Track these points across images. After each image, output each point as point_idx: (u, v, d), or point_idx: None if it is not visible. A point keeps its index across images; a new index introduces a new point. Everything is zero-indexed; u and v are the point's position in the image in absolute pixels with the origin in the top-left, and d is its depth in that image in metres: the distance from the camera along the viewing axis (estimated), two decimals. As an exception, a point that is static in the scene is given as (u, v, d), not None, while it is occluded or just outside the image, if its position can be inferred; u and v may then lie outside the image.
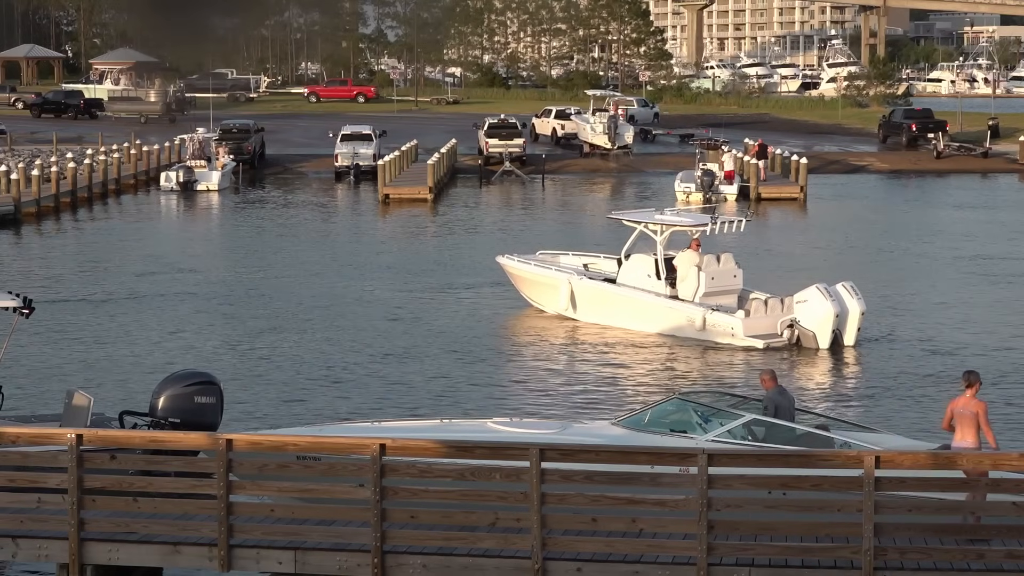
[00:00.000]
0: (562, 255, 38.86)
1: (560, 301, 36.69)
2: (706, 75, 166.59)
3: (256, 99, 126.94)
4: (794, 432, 18.68)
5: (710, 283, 34.92)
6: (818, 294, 33.25)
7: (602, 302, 36.10)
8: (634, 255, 36.38)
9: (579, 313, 36.46)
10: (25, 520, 16.43)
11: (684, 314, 34.52)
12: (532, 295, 38.01)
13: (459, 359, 32.10)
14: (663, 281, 35.44)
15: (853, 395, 29.30)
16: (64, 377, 29.17)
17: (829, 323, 32.99)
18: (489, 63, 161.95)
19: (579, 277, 36.75)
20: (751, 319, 33.74)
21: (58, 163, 66.34)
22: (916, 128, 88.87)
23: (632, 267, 36.14)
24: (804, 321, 33.28)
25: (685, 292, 35.09)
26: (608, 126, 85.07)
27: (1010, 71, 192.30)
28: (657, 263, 35.60)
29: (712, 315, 34.07)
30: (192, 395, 20.60)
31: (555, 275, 37.05)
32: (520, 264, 38.26)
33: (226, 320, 36.84)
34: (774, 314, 33.81)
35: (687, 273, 35.11)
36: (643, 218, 36.90)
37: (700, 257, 35.14)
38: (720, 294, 35.01)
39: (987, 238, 54.07)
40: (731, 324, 33.73)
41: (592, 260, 38.22)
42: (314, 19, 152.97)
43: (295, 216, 62.20)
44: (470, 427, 19.70)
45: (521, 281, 38.29)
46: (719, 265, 35.26)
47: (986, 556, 15.24)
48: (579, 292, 36.45)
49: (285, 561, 16.03)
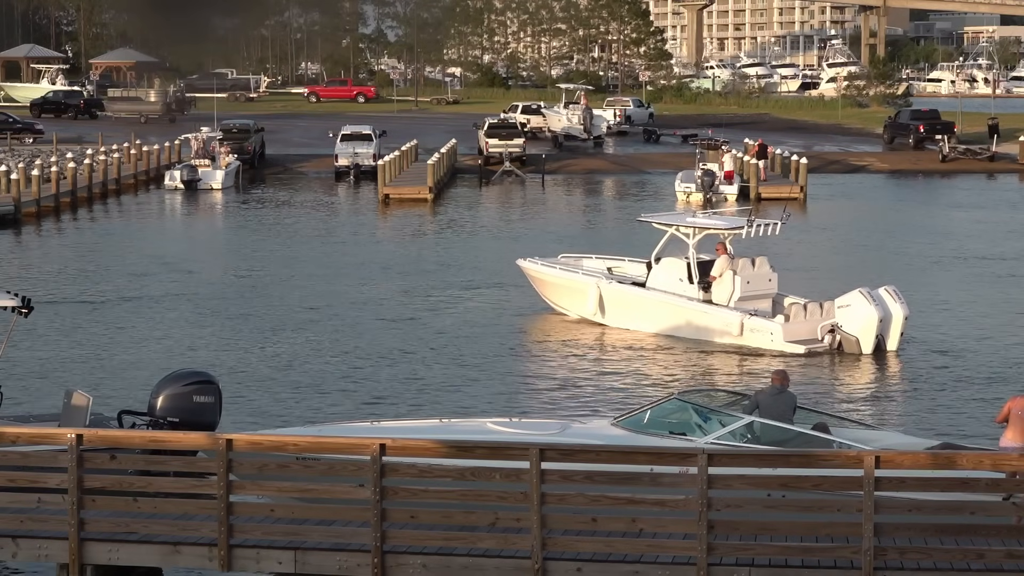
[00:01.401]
0: (585, 258, 38.05)
1: (588, 306, 35.84)
2: (706, 75, 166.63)
3: (256, 99, 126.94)
4: (792, 432, 18.69)
5: (745, 287, 34.08)
6: (861, 298, 32.47)
7: (632, 307, 35.28)
8: (665, 258, 35.56)
9: (607, 318, 35.65)
10: (25, 520, 16.43)
11: (720, 319, 33.66)
12: (556, 299, 37.15)
13: (459, 359, 32.10)
14: (696, 285, 34.67)
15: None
16: (63, 377, 29.15)
17: (873, 328, 32.29)
18: (489, 63, 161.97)
19: (608, 281, 35.91)
20: (791, 324, 32.95)
21: (58, 163, 66.33)
22: (924, 129, 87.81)
23: (663, 271, 35.31)
24: (847, 326, 32.52)
25: (719, 296, 34.26)
26: (583, 117, 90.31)
27: (1010, 71, 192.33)
28: (689, 266, 34.82)
29: (750, 320, 33.27)
30: (191, 394, 20.61)
31: (583, 279, 36.25)
32: (544, 268, 37.37)
33: (226, 320, 36.84)
34: (813, 319, 33.04)
35: (721, 277, 34.30)
36: (675, 221, 36.21)
37: (732, 261, 34.33)
38: (755, 298, 34.21)
39: (996, 238, 54.04)
40: (770, 329, 32.98)
41: (617, 264, 37.40)
42: (314, 19, 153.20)
43: (295, 216, 62.20)
44: (469, 427, 19.70)
45: (544, 285, 37.41)
46: (754, 269, 34.44)
47: (986, 556, 15.24)
48: (608, 296, 35.64)
49: (285, 561, 16.03)
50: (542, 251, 42.08)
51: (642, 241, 52.37)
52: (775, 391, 19.44)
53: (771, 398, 19.29)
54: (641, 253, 37.97)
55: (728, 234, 34.95)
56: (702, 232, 35.09)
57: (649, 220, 37.70)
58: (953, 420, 26.65)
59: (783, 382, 19.66)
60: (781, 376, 19.78)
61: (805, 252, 49.38)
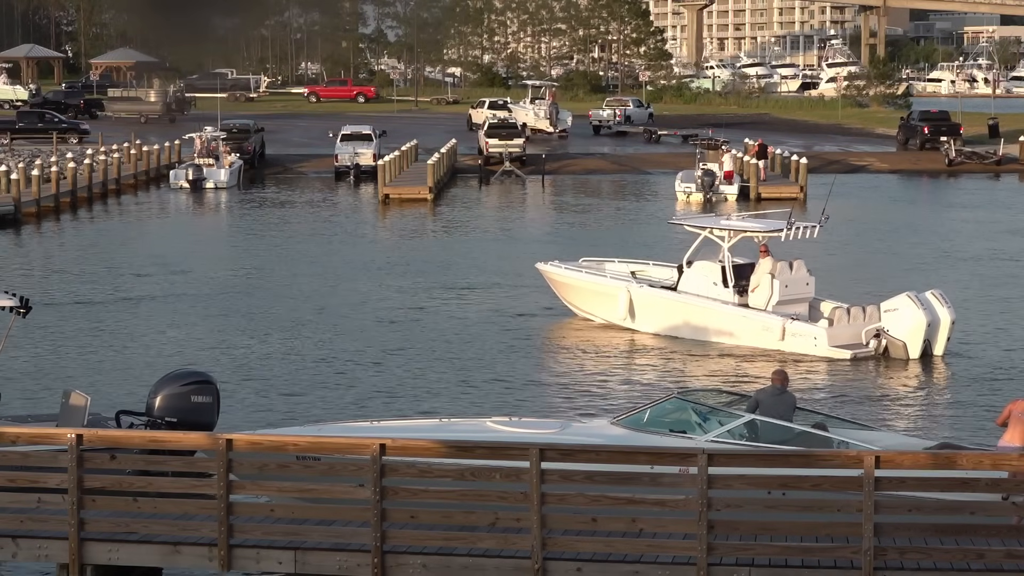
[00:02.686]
0: (607, 262, 37.11)
1: (618, 311, 34.92)
2: (706, 75, 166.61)
3: (256, 99, 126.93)
4: (792, 431, 18.71)
5: (784, 291, 33.24)
6: (909, 302, 31.81)
7: (665, 312, 34.39)
8: (697, 262, 34.54)
9: (638, 323, 34.77)
10: (25, 520, 16.43)
11: (760, 323, 32.93)
12: (581, 304, 36.27)
13: (459, 359, 32.09)
14: (731, 289, 33.80)
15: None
16: (61, 377, 29.13)
17: (921, 333, 31.65)
18: (489, 63, 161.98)
19: (639, 285, 35.00)
20: (835, 328, 32.20)
21: (58, 163, 66.34)
22: (928, 131, 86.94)
23: (696, 274, 34.35)
24: (893, 330, 31.86)
25: (757, 301, 33.41)
26: (549, 112, 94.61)
27: (1010, 71, 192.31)
28: (724, 270, 33.96)
29: (792, 324, 32.53)
30: (189, 394, 20.63)
31: (612, 283, 35.37)
32: (569, 271, 36.42)
33: (225, 320, 36.82)
34: (856, 323, 32.34)
35: (760, 281, 33.45)
36: (708, 223, 35.38)
37: (773, 264, 33.47)
38: (792, 302, 33.39)
39: (996, 237, 54.07)
40: (814, 334, 32.27)
41: (641, 267, 36.52)
42: (314, 19, 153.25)
43: (295, 216, 62.21)
44: (469, 426, 19.70)
45: (567, 289, 36.47)
46: (792, 272, 33.59)
47: (986, 556, 15.24)
48: (639, 301, 34.75)
49: (285, 561, 16.03)
50: (543, 251, 42.07)
51: (645, 242, 52.52)
52: (776, 391, 19.44)
53: (772, 398, 19.30)
54: (644, 254, 37.75)
55: (764, 237, 34.07)
56: (738, 235, 34.16)
57: (681, 223, 36.90)
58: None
59: (783, 382, 19.66)
60: (781, 376, 19.78)
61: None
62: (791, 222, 33.84)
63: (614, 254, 39.01)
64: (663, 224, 59.28)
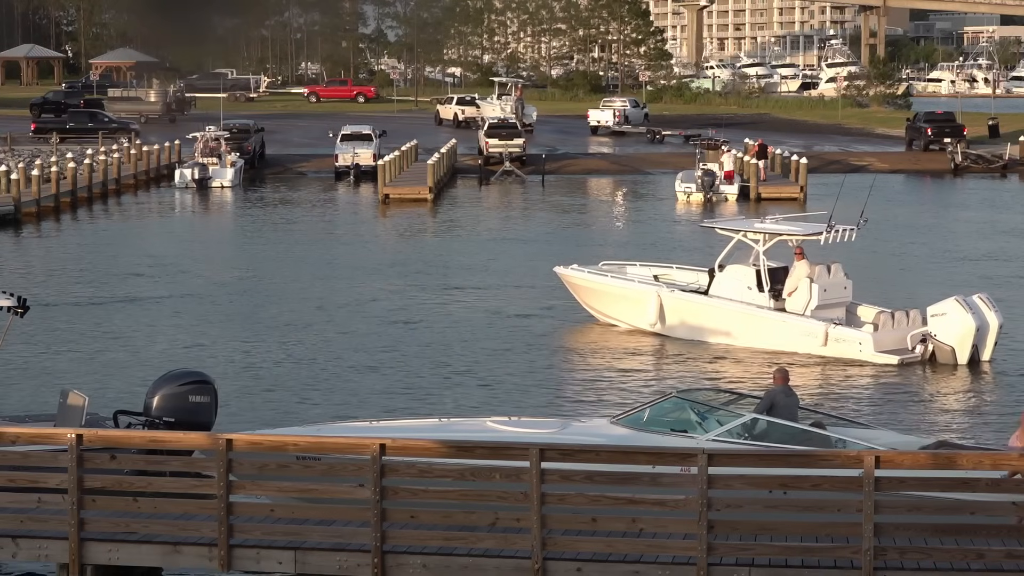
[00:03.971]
0: (628, 265, 36.46)
1: (648, 316, 34.11)
2: (706, 75, 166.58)
3: (256, 99, 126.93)
4: (792, 429, 18.71)
5: (822, 295, 32.53)
6: (958, 307, 31.15)
7: (697, 316, 33.63)
8: (730, 265, 33.84)
9: (668, 328, 33.96)
10: (25, 520, 16.43)
11: (801, 329, 32.20)
12: (604, 309, 35.49)
13: (460, 359, 32.07)
14: (766, 293, 33.09)
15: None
16: (59, 376, 29.10)
17: (969, 338, 31.05)
18: (489, 63, 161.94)
19: (669, 290, 34.22)
20: (880, 333, 31.61)
21: (58, 163, 66.34)
22: (932, 132, 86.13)
23: (729, 278, 33.58)
24: (941, 335, 31.26)
25: (794, 305, 32.68)
26: (516, 107, 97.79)
27: (1010, 71, 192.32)
28: (759, 274, 33.20)
29: (835, 329, 31.89)
30: (186, 394, 20.62)
31: (641, 288, 34.55)
32: (594, 276, 35.62)
33: (225, 320, 36.82)
34: (901, 328, 31.78)
35: (797, 284, 32.76)
36: (742, 226, 34.70)
37: (811, 268, 32.78)
38: (830, 307, 32.67)
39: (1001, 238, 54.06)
40: (859, 339, 31.66)
41: (664, 271, 35.80)
42: (314, 19, 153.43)
43: (295, 216, 62.22)
44: (469, 426, 19.70)
45: (591, 293, 35.69)
46: (830, 276, 32.93)
47: (986, 556, 15.24)
48: (669, 306, 33.95)
49: (285, 561, 16.03)
50: (544, 252, 42.08)
51: (646, 242, 52.55)
52: (786, 391, 19.44)
53: (785, 398, 19.31)
54: (645, 254, 37.47)
55: (797, 240, 33.30)
56: (774, 238, 33.39)
57: (713, 226, 36.10)
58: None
59: (787, 381, 19.67)
60: (784, 375, 19.78)
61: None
62: (831, 225, 33.06)
63: (614, 253, 38.95)
64: (663, 224, 59.51)
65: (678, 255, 40.09)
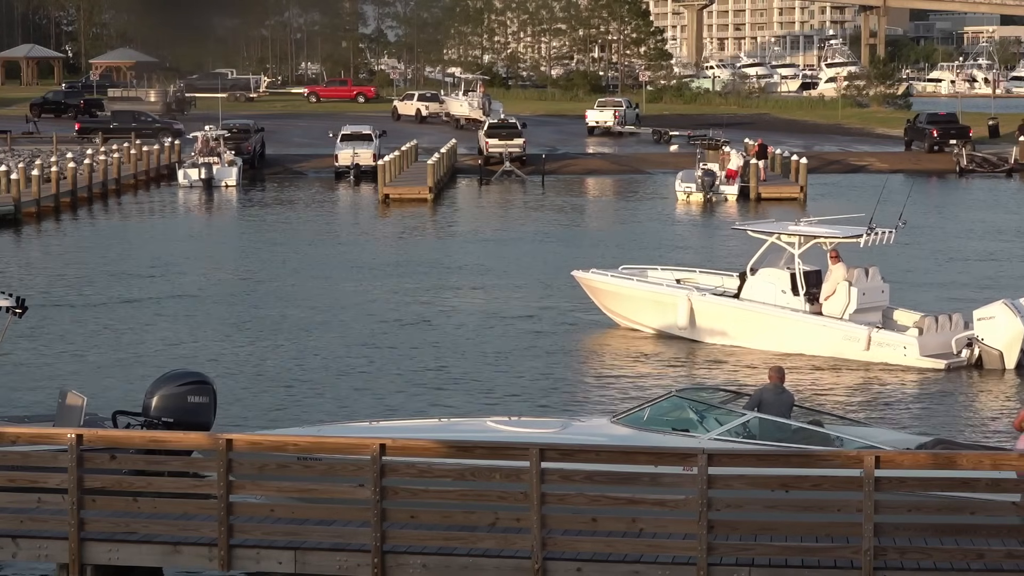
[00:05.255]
0: (649, 269, 35.83)
1: (678, 320, 33.44)
2: (706, 75, 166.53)
3: (256, 99, 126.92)
4: (791, 428, 18.72)
5: (861, 299, 31.90)
6: (1007, 310, 30.63)
7: (730, 321, 33.02)
8: (762, 269, 33.13)
9: (698, 333, 33.34)
10: (25, 520, 16.42)
11: (843, 333, 31.58)
12: (628, 313, 34.76)
13: (460, 358, 32.06)
14: (801, 297, 32.42)
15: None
16: (58, 377, 29.08)
17: (1019, 342, 30.52)
18: (489, 63, 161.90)
19: (700, 294, 33.56)
20: (925, 337, 31.05)
21: (58, 163, 66.33)
22: (938, 134, 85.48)
23: (761, 282, 32.92)
24: (988, 339, 30.68)
25: (832, 309, 32.08)
26: (483, 103, 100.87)
27: (1010, 71, 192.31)
28: (794, 277, 32.55)
29: (879, 333, 31.32)
30: (185, 395, 20.63)
31: (671, 292, 33.87)
32: (617, 280, 34.91)
33: (224, 320, 36.81)
34: (945, 331, 31.31)
35: (835, 288, 32.13)
36: (775, 229, 33.87)
37: (849, 271, 32.19)
38: (867, 311, 32.08)
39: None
40: (903, 343, 31.09)
41: (687, 275, 35.16)
42: (314, 19, 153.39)
43: (295, 216, 62.23)
44: (469, 426, 19.70)
45: (613, 297, 34.95)
46: (868, 280, 32.33)
47: (986, 556, 15.24)
48: (701, 310, 33.32)
49: (285, 561, 16.03)
50: (544, 252, 42.02)
51: (647, 242, 52.54)
52: (777, 389, 19.45)
53: (774, 396, 19.32)
54: (646, 254, 37.25)
55: (831, 243, 32.64)
56: (810, 241, 32.73)
57: (744, 228, 35.54)
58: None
59: (781, 379, 19.67)
60: (779, 374, 19.79)
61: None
62: (872, 227, 32.41)
63: (615, 253, 38.89)
64: (664, 224, 59.49)
65: (679, 255, 40.02)
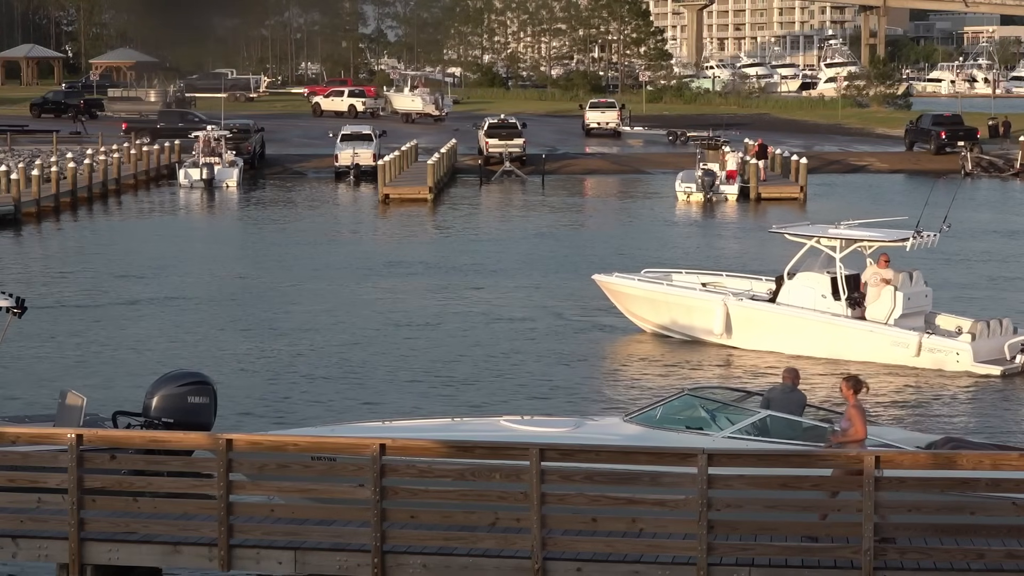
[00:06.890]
0: (674, 272, 35.19)
1: (714, 326, 32.74)
2: (706, 75, 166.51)
3: (256, 99, 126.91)
4: (802, 426, 18.73)
5: (906, 304, 31.32)
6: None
7: (769, 326, 32.37)
8: (801, 273, 32.43)
9: (735, 339, 32.70)
10: (25, 520, 16.42)
11: (891, 339, 30.98)
12: (657, 318, 34.08)
13: (465, 358, 32.05)
14: (843, 301, 31.79)
15: None
16: (58, 377, 29.06)
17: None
18: (489, 63, 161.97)
19: (737, 299, 32.87)
20: (979, 343, 30.42)
21: (58, 163, 66.34)
22: (946, 136, 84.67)
23: (800, 286, 32.22)
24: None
25: (876, 314, 31.47)
26: (436, 98, 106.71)
27: (1010, 71, 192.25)
28: (835, 281, 31.85)
29: (930, 339, 30.73)
30: (185, 395, 20.64)
31: (706, 296, 33.23)
32: (647, 285, 34.22)
33: (224, 320, 36.80)
34: (996, 336, 30.76)
35: (879, 292, 31.53)
36: (815, 232, 32.92)
37: (894, 275, 31.57)
38: (911, 316, 31.51)
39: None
40: (956, 349, 30.47)
41: (713, 279, 34.56)
42: (314, 19, 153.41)
43: (295, 216, 62.23)
44: (481, 425, 19.66)
45: (640, 302, 34.33)
46: (912, 284, 31.76)
47: (986, 556, 15.24)
48: (737, 315, 32.69)
49: (285, 561, 16.03)
50: (544, 252, 41.91)
51: (647, 242, 52.52)
52: (787, 389, 19.44)
53: (783, 396, 19.31)
54: (647, 254, 37.17)
55: (882, 247, 32.10)
56: (851, 245, 32.06)
57: (782, 231, 34.47)
58: None
59: (794, 381, 19.65)
60: (792, 375, 19.76)
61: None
62: (918, 231, 31.80)
63: (616, 253, 38.80)
64: (664, 224, 59.50)
65: (679, 255, 40.03)
